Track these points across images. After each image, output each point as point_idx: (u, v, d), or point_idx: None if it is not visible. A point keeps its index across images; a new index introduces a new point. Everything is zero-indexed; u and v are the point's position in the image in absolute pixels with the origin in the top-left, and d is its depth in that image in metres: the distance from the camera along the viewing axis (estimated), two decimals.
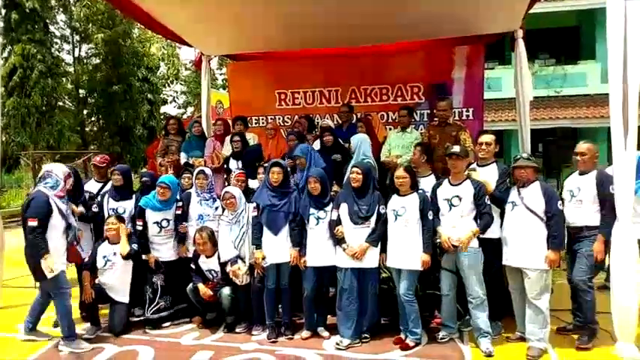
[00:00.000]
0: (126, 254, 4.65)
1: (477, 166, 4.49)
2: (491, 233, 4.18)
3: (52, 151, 16.46)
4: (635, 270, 3.82)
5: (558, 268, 4.20)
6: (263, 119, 7.65)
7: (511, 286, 4.24)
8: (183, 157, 6.27)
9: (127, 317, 4.81)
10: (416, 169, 4.66)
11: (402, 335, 4.29)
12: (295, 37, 6.82)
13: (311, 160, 4.97)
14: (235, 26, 6.52)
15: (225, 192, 4.73)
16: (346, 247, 4.23)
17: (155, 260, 4.90)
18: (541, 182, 4.11)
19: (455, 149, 4.26)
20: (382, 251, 4.29)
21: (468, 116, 6.87)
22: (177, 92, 25.68)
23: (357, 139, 5.17)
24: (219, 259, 4.71)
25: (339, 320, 4.35)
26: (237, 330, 4.68)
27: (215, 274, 4.77)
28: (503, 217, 4.22)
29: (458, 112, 6.80)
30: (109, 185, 5.29)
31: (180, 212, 4.95)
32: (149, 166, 7.08)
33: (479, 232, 4.07)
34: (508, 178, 4.28)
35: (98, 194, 5.28)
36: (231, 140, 6.10)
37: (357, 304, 4.26)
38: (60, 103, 18.68)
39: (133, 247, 4.72)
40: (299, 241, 4.46)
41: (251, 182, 5.34)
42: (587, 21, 16.01)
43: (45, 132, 16.23)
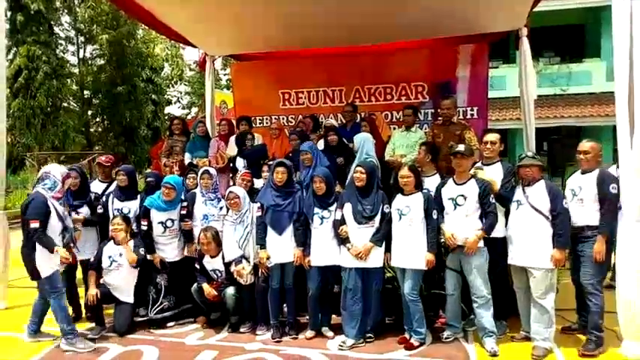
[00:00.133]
0: (135, 263, 4.68)
1: (481, 165, 4.48)
2: (496, 232, 4.16)
3: (57, 152, 16.53)
4: None
5: (563, 268, 4.17)
6: (267, 119, 7.67)
7: (516, 285, 4.22)
8: (188, 158, 6.28)
9: (132, 317, 4.82)
10: (421, 169, 4.65)
11: (407, 335, 4.28)
12: (299, 37, 6.83)
13: (317, 158, 4.99)
14: (238, 26, 6.54)
15: (230, 192, 4.73)
16: (350, 247, 4.23)
17: (160, 260, 4.91)
18: (546, 181, 4.08)
19: (459, 148, 4.24)
20: (386, 251, 4.29)
21: (472, 115, 6.86)
22: (182, 93, 25.78)
23: (360, 138, 5.16)
24: (224, 259, 4.71)
25: (343, 320, 4.35)
26: (241, 330, 4.68)
27: (219, 274, 4.77)
28: (508, 216, 4.20)
29: (462, 111, 6.80)
30: (114, 185, 5.30)
31: (185, 212, 4.96)
32: (154, 167, 7.11)
33: (484, 234, 4.05)
34: (513, 177, 4.25)
35: (103, 194, 5.30)
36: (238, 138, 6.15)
37: (361, 303, 4.25)
38: (65, 104, 18.77)
39: (141, 252, 4.73)
40: (303, 240, 4.46)
41: (256, 182, 5.34)
42: (592, 19, 15.94)
43: (50, 133, 16.31)
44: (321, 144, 5.69)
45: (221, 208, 4.97)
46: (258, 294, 4.62)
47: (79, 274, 5.13)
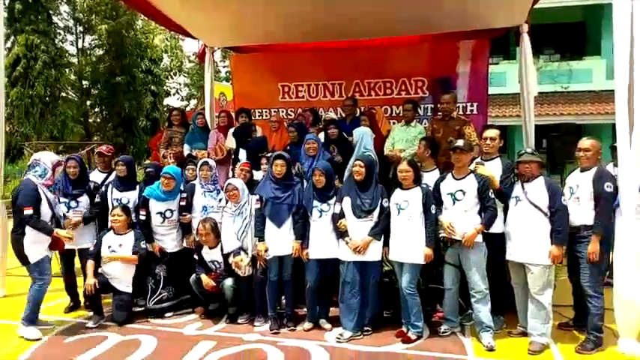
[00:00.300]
0: (137, 259, 4.71)
1: (480, 159, 4.49)
2: (494, 228, 4.17)
3: (55, 141, 16.48)
4: (639, 266, 3.81)
5: (561, 264, 4.19)
6: (266, 112, 7.65)
7: (514, 280, 4.24)
8: (187, 149, 6.27)
9: (130, 307, 4.84)
10: (420, 164, 4.66)
11: (404, 328, 4.30)
12: (299, 30, 6.80)
13: (320, 150, 5.00)
14: (238, 18, 6.51)
15: (228, 184, 4.74)
16: (349, 241, 4.24)
17: (160, 248, 4.92)
18: (545, 177, 4.09)
19: (458, 143, 4.25)
20: (385, 245, 4.30)
21: (472, 111, 6.85)
22: (181, 84, 25.69)
23: (359, 132, 5.16)
24: (222, 251, 4.72)
25: (341, 312, 4.37)
26: (239, 321, 4.71)
27: (218, 265, 4.79)
28: (507, 212, 4.21)
29: (462, 107, 6.79)
30: (113, 176, 5.30)
31: (184, 204, 4.96)
32: (152, 158, 7.10)
33: (483, 228, 4.07)
34: (512, 174, 4.26)
35: (102, 184, 5.29)
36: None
37: (359, 296, 4.27)
38: (63, 94, 18.68)
39: (142, 245, 4.74)
40: (302, 233, 4.47)
41: (256, 174, 5.35)
42: (593, 16, 15.91)
43: (48, 122, 16.25)
44: (321, 137, 5.69)
45: (220, 200, 4.98)
46: (256, 286, 4.63)
47: (78, 263, 5.13)
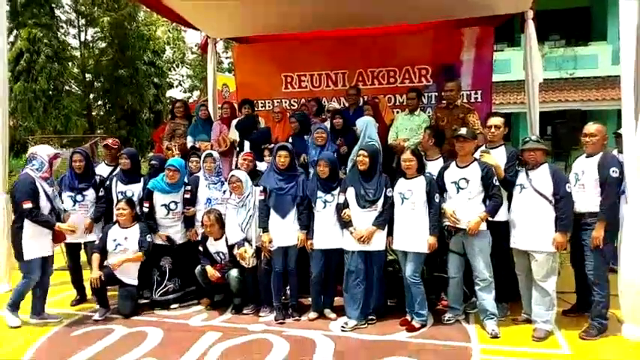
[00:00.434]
0: (143, 255, 4.73)
1: (484, 147, 4.46)
2: (499, 216, 4.15)
3: (59, 135, 16.52)
4: None
5: (565, 251, 4.17)
6: (269, 103, 7.63)
7: (518, 268, 4.24)
8: (190, 141, 6.27)
9: (136, 299, 4.87)
10: (424, 153, 4.65)
11: (408, 317, 4.32)
12: (301, 20, 6.76)
13: (328, 140, 5.01)
14: (240, 9, 6.46)
15: (232, 176, 4.73)
16: (353, 230, 4.24)
17: (167, 236, 4.93)
18: (550, 165, 4.06)
19: (462, 131, 4.22)
20: (389, 234, 4.30)
21: (476, 99, 6.81)
22: (183, 76, 25.63)
23: (363, 122, 5.14)
24: (227, 242, 4.73)
25: (345, 302, 4.38)
26: (244, 311, 4.73)
27: (223, 257, 4.80)
28: (511, 199, 4.19)
29: (466, 95, 6.75)
30: (119, 169, 5.31)
31: (188, 196, 4.97)
32: (156, 150, 7.11)
33: (487, 216, 4.05)
34: (517, 161, 4.24)
35: (109, 178, 5.31)
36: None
37: (363, 286, 4.28)
38: (66, 88, 18.69)
39: (148, 239, 4.75)
40: (307, 224, 4.48)
41: (259, 165, 5.34)
42: (598, 2, 15.70)
43: (52, 116, 16.27)
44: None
45: (224, 192, 4.98)
46: (261, 276, 4.65)
47: (84, 256, 5.16)
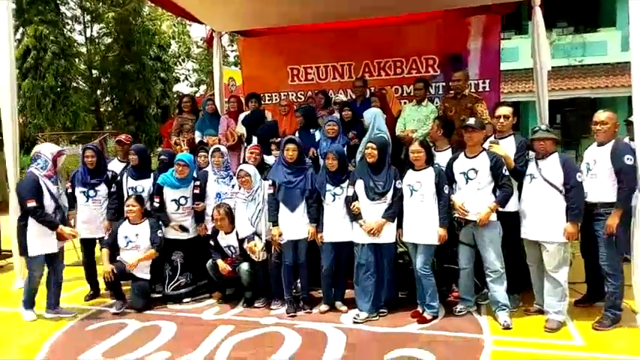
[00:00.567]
0: (155, 252, 4.78)
1: (493, 138, 4.43)
2: (509, 206, 4.13)
3: (67, 132, 16.60)
4: None
5: (577, 241, 4.15)
6: (276, 96, 7.62)
7: (529, 259, 4.22)
8: (198, 136, 6.28)
9: (149, 293, 4.91)
10: (433, 143, 4.63)
11: (420, 309, 4.32)
12: (306, 12, 6.72)
13: (340, 132, 5.03)
14: (245, 2, 6.44)
15: (240, 170, 4.74)
16: (363, 223, 4.24)
17: (180, 225, 4.95)
18: (560, 154, 4.02)
19: (470, 121, 4.20)
20: (399, 226, 4.29)
21: (484, 88, 6.76)
22: (190, 70, 25.61)
23: (371, 113, 5.11)
24: (238, 236, 4.75)
25: (356, 295, 4.39)
26: (256, 305, 4.76)
27: (234, 250, 4.83)
28: (521, 189, 4.16)
29: (474, 84, 6.70)
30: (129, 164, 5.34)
31: (198, 192, 4.98)
32: (164, 145, 7.14)
33: (497, 206, 4.03)
34: (526, 151, 4.20)
35: (122, 173, 5.34)
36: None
37: (374, 278, 4.29)
38: (74, 84, 18.76)
39: (159, 235, 4.78)
40: (316, 217, 4.48)
41: (267, 158, 5.35)
42: None
43: (60, 113, 16.33)
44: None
45: (233, 186, 5.00)
46: (271, 270, 4.67)
47: (98, 252, 5.20)
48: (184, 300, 4.95)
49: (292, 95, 7.58)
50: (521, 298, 4.45)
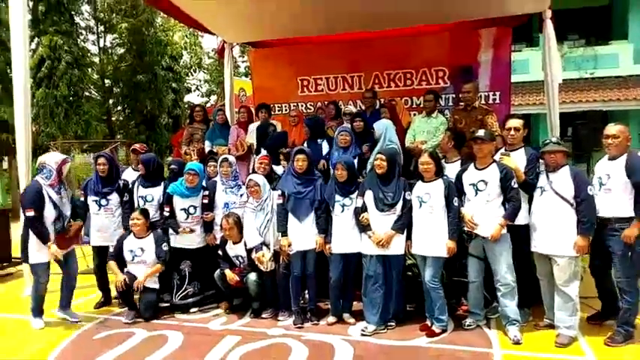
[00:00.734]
0: (161, 267, 4.80)
1: (504, 150, 4.40)
2: (519, 219, 4.09)
3: (79, 140, 16.76)
4: None
5: (587, 255, 4.09)
6: (286, 106, 7.66)
7: (539, 272, 4.17)
8: (208, 146, 6.31)
9: (157, 303, 4.92)
10: (443, 155, 4.62)
11: (428, 322, 4.28)
12: (317, 23, 6.78)
13: (352, 143, 5.04)
14: (256, 13, 6.50)
15: (249, 180, 4.75)
16: (372, 235, 4.22)
17: (190, 229, 4.94)
18: (571, 167, 3.99)
19: (480, 133, 4.18)
20: (407, 238, 4.27)
21: (494, 100, 6.75)
22: (201, 80, 25.85)
23: (383, 125, 5.11)
24: (246, 246, 4.75)
25: (364, 307, 4.36)
26: (263, 315, 4.74)
27: (242, 260, 4.82)
28: (532, 202, 4.13)
29: (484, 96, 6.69)
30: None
31: (207, 202, 4.99)
32: (174, 155, 7.18)
33: (507, 222, 3.99)
34: (537, 164, 4.17)
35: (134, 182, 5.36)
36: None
37: (382, 290, 4.26)
38: (86, 94, 18.98)
39: (164, 249, 4.79)
40: (325, 228, 4.47)
41: (276, 168, 5.36)
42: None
43: (73, 122, 16.49)
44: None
45: (241, 196, 5.01)
46: (279, 280, 4.66)
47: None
48: (192, 310, 4.95)
49: (302, 106, 7.61)
50: (532, 312, 4.40)
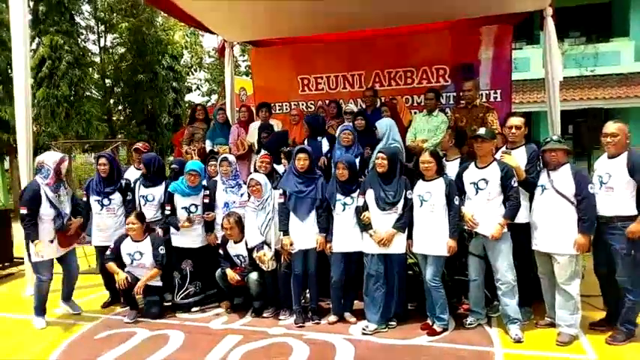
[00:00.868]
0: (159, 270, 4.80)
1: (505, 148, 4.40)
2: (520, 218, 4.08)
3: (80, 140, 16.77)
4: None
5: (588, 253, 4.08)
6: (287, 105, 7.66)
7: (540, 271, 4.16)
8: (209, 145, 6.32)
9: (162, 300, 4.96)
10: (444, 153, 4.61)
11: (429, 321, 4.28)
12: (317, 22, 6.77)
13: (355, 142, 5.04)
14: (257, 12, 6.50)
15: (251, 179, 4.75)
16: (373, 233, 4.22)
17: (188, 218, 4.91)
18: (571, 165, 3.97)
19: (480, 131, 4.17)
20: (408, 237, 4.27)
21: (495, 98, 6.74)
22: (201, 80, 25.84)
23: (386, 124, 5.11)
24: (247, 245, 4.75)
25: (365, 305, 4.36)
26: (264, 315, 4.74)
27: (243, 260, 4.82)
28: (532, 200, 4.12)
29: (485, 94, 6.68)
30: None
31: (207, 201, 4.99)
32: (175, 154, 7.19)
33: (507, 221, 3.98)
34: (538, 162, 4.16)
35: (137, 182, 5.36)
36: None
37: (383, 289, 4.26)
38: (87, 93, 18.98)
39: (161, 252, 4.77)
40: (326, 227, 4.47)
41: (277, 167, 5.35)
42: None
43: (74, 122, 16.50)
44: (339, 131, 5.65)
45: (242, 195, 5.00)
46: (280, 280, 4.66)
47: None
48: (193, 309, 4.95)
49: (302, 105, 7.61)
50: (533, 311, 4.39)
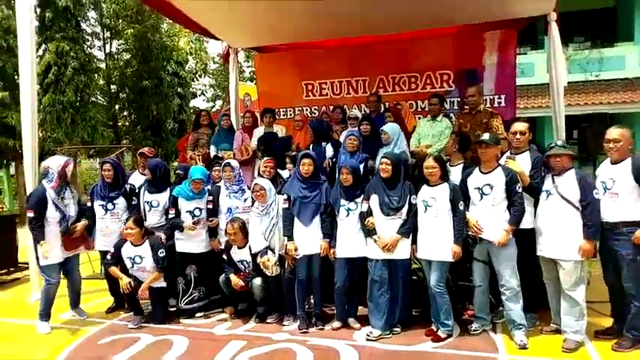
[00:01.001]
0: (161, 274, 4.80)
1: (509, 154, 4.38)
2: (525, 223, 4.06)
3: (86, 146, 16.85)
4: None
5: (594, 259, 4.05)
6: (291, 111, 7.68)
7: (545, 276, 4.14)
8: (213, 150, 6.34)
9: (168, 303, 4.98)
10: (448, 158, 4.60)
11: (434, 327, 4.26)
12: (321, 28, 6.80)
13: (360, 148, 5.06)
14: (261, 18, 6.54)
15: (255, 184, 4.75)
16: (377, 239, 4.21)
17: (195, 222, 4.90)
18: (576, 170, 3.95)
19: (484, 137, 4.17)
20: (413, 242, 4.25)
21: (500, 103, 6.74)
22: (206, 86, 25.94)
23: (395, 131, 5.09)
24: (251, 250, 4.75)
25: (370, 311, 4.35)
26: (268, 320, 4.73)
27: (247, 265, 4.82)
28: (537, 206, 4.10)
29: (489, 100, 6.69)
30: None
31: (211, 207, 4.99)
32: (180, 159, 7.22)
33: (512, 227, 3.97)
34: (542, 167, 4.14)
35: (142, 187, 5.37)
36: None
37: (387, 295, 4.24)
38: (93, 99, 19.09)
39: (160, 255, 4.76)
40: (330, 232, 4.46)
41: (282, 173, 5.36)
42: (624, 1, 15.37)
43: (79, 127, 16.59)
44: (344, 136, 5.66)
45: (245, 200, 5.00)
46: (284, 285, 4.65)
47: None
48: (197, 314, 4.95)
49: (307, 110, 7.63)
50: (538, 317, 4.36)
